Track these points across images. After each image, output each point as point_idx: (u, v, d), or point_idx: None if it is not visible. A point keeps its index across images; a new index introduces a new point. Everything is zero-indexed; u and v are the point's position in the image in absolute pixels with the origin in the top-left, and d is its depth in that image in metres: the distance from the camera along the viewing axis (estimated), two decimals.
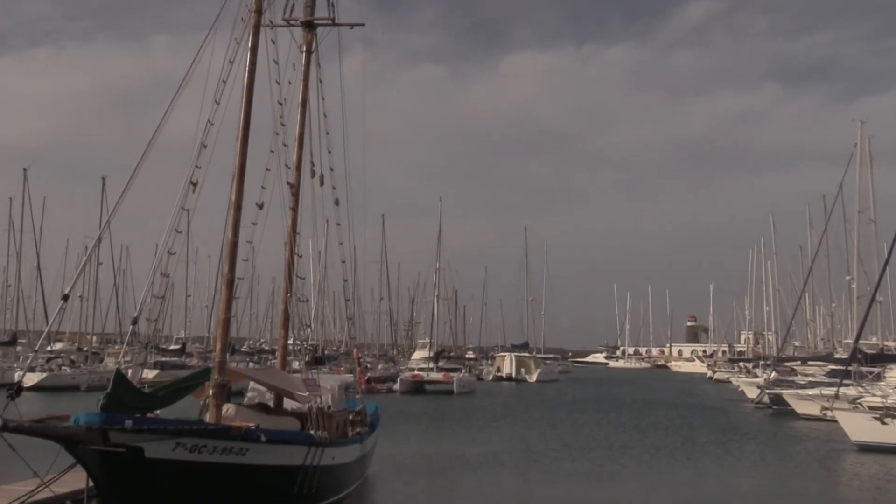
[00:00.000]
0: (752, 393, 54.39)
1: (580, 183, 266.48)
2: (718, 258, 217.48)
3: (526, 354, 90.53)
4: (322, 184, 20.31)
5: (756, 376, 61.85)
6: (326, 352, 69.85)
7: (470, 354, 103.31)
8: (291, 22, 20.94)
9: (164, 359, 62.67)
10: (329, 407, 17.66)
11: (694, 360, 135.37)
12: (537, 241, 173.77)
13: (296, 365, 26.27)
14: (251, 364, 56.02)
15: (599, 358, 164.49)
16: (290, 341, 20.95)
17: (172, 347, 73.83)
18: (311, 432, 15.69)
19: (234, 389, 16.92)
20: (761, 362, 71.98)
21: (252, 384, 20.00)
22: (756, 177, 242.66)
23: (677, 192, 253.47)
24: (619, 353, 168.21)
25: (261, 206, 18.19)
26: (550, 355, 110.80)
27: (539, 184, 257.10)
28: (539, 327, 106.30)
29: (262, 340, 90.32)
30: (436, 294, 74.30)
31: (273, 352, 62.30)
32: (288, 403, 18.74)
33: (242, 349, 73.35)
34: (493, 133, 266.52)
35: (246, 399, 19.90)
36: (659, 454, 28.43)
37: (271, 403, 19.07)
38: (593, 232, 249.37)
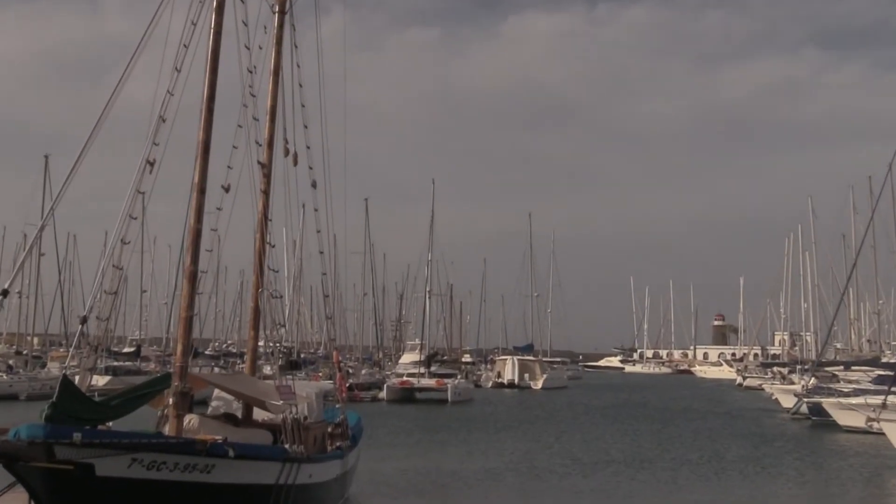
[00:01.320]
0: (787, 402, 54.63)
1: (593, 163, 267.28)
2: (750, 248, 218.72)
3: (530, 358, 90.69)
4: (297, 163, 20.29)
5: (792, 383, 62.13)
6: (303, 355, 69.85)
7: (466, 358, 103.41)
8: None
9: (116, 363, 62.70)
10: (305, 418, 17.69)
11: (721, 365, 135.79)
12: (543, 229, 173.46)
13: (267, 370, 26.23)
14: (216, 369, 56.00)
15: (614, 362, 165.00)
16: (261, 343, 20.95)
17: (126, 350, 73.85)
18: (286, 446, 15.74)
19: (197, 398, 16.94)
20: (798, 367, 72.28)
21: (217, 392, 20.01)
22: (793, 156, 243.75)
23: (703, 173, 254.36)
24: (636, 356, 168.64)
25: (227, 189, 18.20)
26: (558, 359, 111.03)
27: (546, 164, 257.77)
28: (545, 327, 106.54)
29: (228, 342, 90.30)
30: (427, 289, 74.29)
31: (241, 355, 62.07)
32: (258, 414, 18.76)
33: (206, 352, 73.34)
34: (493, 105, 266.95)
35: (210, 409, 19.91)
36: (682, 470, 28.55)
37: (239, 414, 19.09)
38: (608, 218, 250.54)
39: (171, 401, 15.34)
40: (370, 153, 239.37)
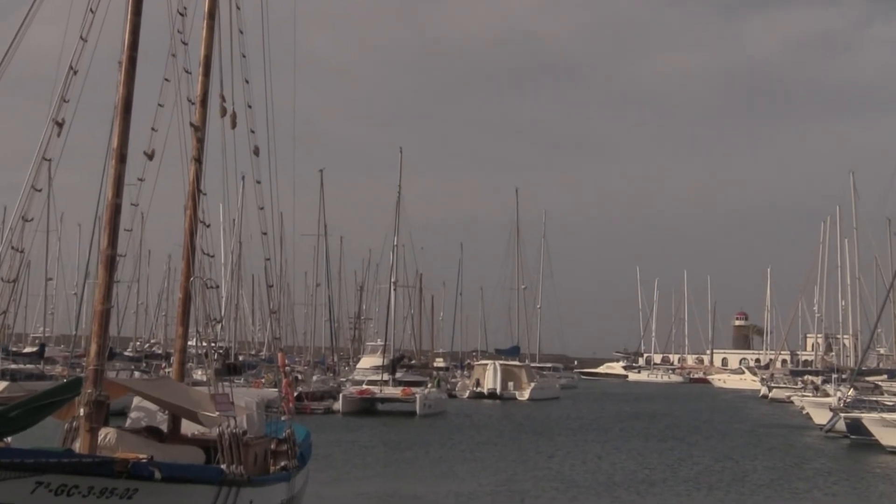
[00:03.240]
0: (821, 417, 55.11)
1: (594, 131, 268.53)
2: (779, 234, 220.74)
3: (516, 363, 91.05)
4: (235, 125, 20.25)
5: (827, 395, 62.58)
6: (242, 357, 69.75)
7: (439, 362, 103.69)
8: None
9: (15, 366, 62.23)
10: (245, 432, 17.71)
11: (743, 373, 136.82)
12: (533, 210, 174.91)
13: (199, 375, 26.16)
14: (137, 374, 55.86)
15: (616, 368, 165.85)
16: (192, 342, 20.93)
17: (27, 350, 73.33)
18: (222, 467, 15.76)
19: (114, 408, 16.91)
20: (834, 376, 72.82)
21: (138, 401, 19.98)
22: (832, 124, 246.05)
23: (725, 145, 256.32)
24: (641, 361, 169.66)
25: (151, 156, 18.12)
26: (549, 365, 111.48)
27: (538, 132, 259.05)
28: (534, 326, 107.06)
29: (152, 341, 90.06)
30: (393, 280, 74.20)
31: (168, 357, 62.03)
32: (188, 428, 18.76)
33: (126, 353, 73.14)
34: (475, 60, 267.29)
35: (129, 421, 19.89)
36: (696, 497, 28.79)
37: (165, 427, 19.08)
38: (610, 197, 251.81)
39: (82, 411, 15.28)
40: (326, 115, 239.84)
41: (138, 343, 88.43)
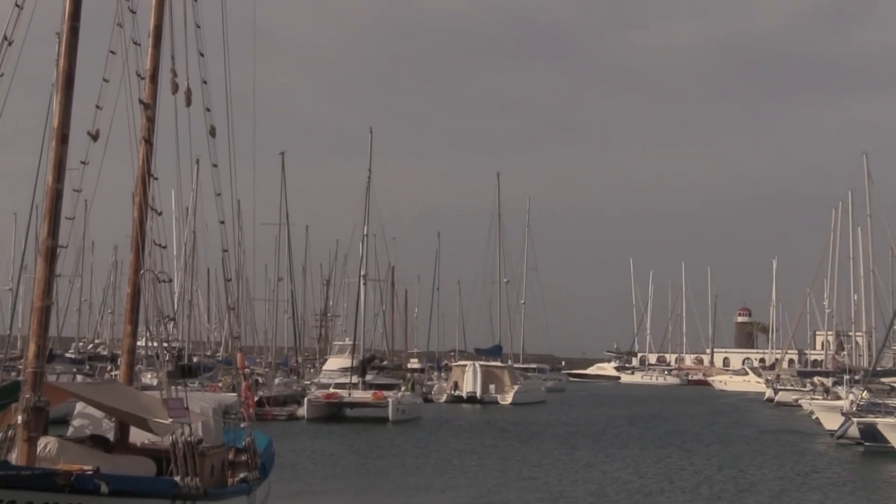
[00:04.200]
0: (832, 422, 55.34)
1: (584, 110, 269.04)
2: (785, 222, 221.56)
3: (497, 364, 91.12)
4: (190, 103, 20.17)
5: (839, 398, 62.88)
6: (197, 359, 69.54)
7: (414, 363, 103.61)
8: None
9: None
10: (201, 441, 17.66)
11: (747, 374, 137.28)
12: (517, 197, 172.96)
13: (149, 378, 26.08)
14: (81, 377, 55.64)
15: (607, 369, 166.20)
16: (142, 343, 20.87)
17: None
18: (175, 479, 15.73)
19: (54, 415, 16.83)
20: (846, 377, 73.22)
21: (82, 407, 19.91)
22: (843, 102, 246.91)
23: (727, 124, 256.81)
24: (635, 362, 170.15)
25: (96, 137, 18.02)
26: (534, 365, 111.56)
27: (522, 111, 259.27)
28: (517, 323, 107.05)
29: (97, 342, 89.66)
30: (362, 273, 74.18)
31: (115, 358, 61.87)
32: (137, 436, 18.72)
33: (68, 354, 72.78)
34: (453, 31, 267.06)
35: (72, 430, 19.81)
36: None
37: (112, 436, 19.03)
38: (601, 183, 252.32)
39: (19, 419, 15.22)
40: (289, 93, 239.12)
41: (81, 343, 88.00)
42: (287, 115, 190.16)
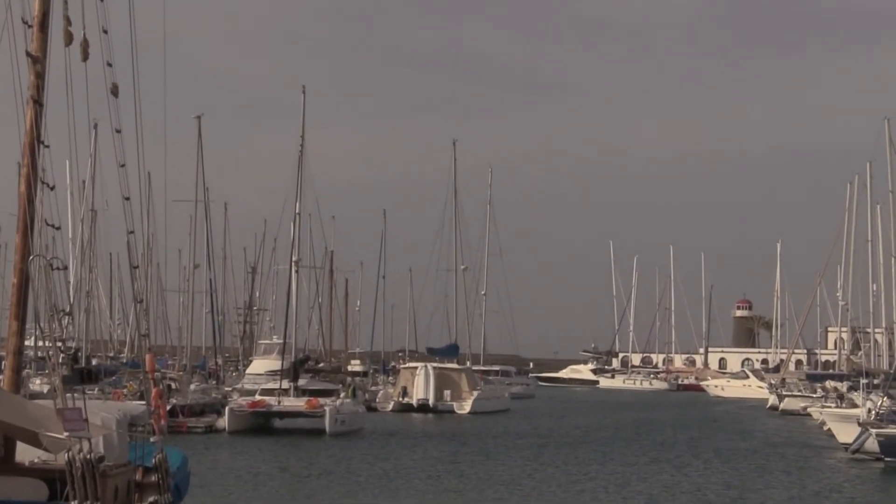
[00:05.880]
0: (846, 434, 55.79)
1: (556, 64, 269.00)
2: (792, 198, 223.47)
3: (453, 366, 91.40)
4: (87, 57, 20.05)
5: (854, 405, 63.44)
6: (97, 361, 69.34)
7: (355, 365, 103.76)
8: None
9: None
10: (102, 458, 17.62)
11: (747, 378, 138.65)
12: (476, 167, 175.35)
13: (39, 385, 25.95)
14: None
15: (583, 372, 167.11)
16: (31, 342, 20.77)
17: None
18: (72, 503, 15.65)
19: None
20: (863, 381, 73.90)
21: None
22: (860, 55, 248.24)
23: (722, 84, 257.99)
24: (616, 363, 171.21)
25: None
26: (497, 367, 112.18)
27: (482, 64, 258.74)
28: (477, 318, 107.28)
29: None
30: (294, 259, 74.13)
31: None
32: (25, 454, 18.64)
33: None
34: None
35: None
36: None
37: None
38: (576, 151, 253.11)
39: None
40: (207, 45, 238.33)
41: None
42: (205, 72, 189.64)
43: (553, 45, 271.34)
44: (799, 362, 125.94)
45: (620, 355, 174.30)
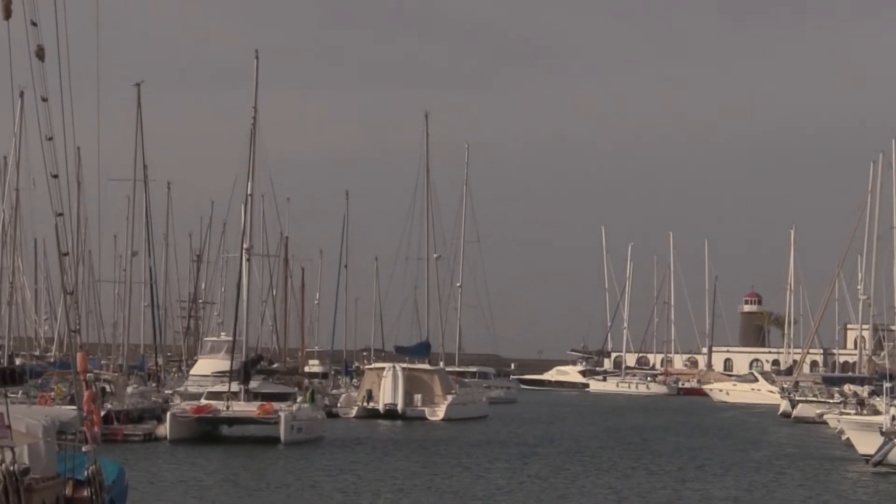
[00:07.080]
0: (867, 444, 55.99)
1: (544, 28, 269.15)
2: (807, 179, 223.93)
3: (425, 367, 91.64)
4: (9, 15, 19.91)
5: (876, 412, 63.64)
6: (22, 360, 69.08)
7: (314, 365, 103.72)
8: None
9: None
10: (28, 471, 17.54)
11: (756, 381, 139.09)
12: (451, 142, 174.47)
13: None
14: None
15: (571, 374, 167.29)
16: None
17: None
18: None
19: None
20: (886, 385, 74.07)
21: None
22: (882, 24, 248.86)
23: (733, 52, 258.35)
24: (608, 364, 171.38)
25: None
26: (474, 369, 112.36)
27: (459, 29, 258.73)
28: (452, 313, 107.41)
29: None
30: (245, 247, 73.95)
31: None
32: None
33: None
34: None
35: None
36: None
37: None
38: (563, 126, 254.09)
39: None
40: (147, 2, 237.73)
41: None
42: (145, 34, 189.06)
43: (542, 7, 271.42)
44: (814, 364, 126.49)
45: (613, 355, 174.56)
